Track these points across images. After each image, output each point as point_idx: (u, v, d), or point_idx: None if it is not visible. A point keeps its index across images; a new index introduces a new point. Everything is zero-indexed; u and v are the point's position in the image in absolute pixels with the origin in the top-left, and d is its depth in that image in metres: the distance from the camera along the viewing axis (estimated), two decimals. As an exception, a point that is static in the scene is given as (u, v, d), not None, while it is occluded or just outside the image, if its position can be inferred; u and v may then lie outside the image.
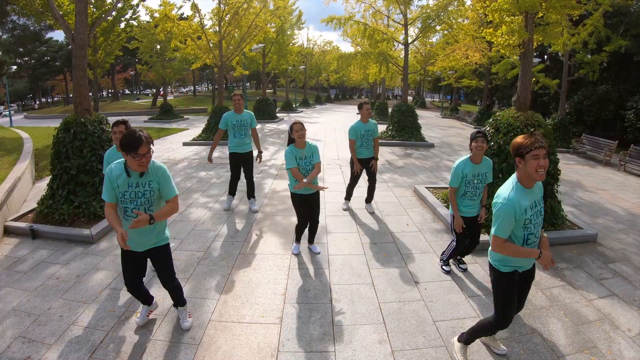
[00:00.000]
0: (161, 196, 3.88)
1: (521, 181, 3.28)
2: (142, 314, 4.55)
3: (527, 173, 3.19)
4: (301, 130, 5.57)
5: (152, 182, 3.76)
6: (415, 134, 18.77)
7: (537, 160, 3.11)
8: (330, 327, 4.54)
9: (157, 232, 4.01)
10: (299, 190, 5.79)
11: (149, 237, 3.97)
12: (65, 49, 58.92)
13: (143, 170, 3.69)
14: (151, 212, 3.79)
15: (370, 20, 21.40)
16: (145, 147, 3.55)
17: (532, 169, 3.13)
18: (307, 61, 48.95)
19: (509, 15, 8.18)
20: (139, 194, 3.75)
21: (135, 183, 3.74)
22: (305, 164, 5.69)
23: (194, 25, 18.45)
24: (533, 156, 3.11)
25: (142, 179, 3.74)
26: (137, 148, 3.52)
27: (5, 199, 7.61)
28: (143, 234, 3.89)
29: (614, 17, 21.37)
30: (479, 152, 5.12)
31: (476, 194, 5.33)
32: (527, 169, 3.17)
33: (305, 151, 5.68)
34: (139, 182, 3.74)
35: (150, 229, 3.88)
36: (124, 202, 3.78)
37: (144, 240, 3.97)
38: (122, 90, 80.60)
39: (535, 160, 3.11)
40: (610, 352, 4.16)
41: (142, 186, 3.75)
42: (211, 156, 8.34)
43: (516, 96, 8.03)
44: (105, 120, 8.27)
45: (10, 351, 4.06)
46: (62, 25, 8.23)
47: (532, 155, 3.12)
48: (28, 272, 5.78)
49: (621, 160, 15.56)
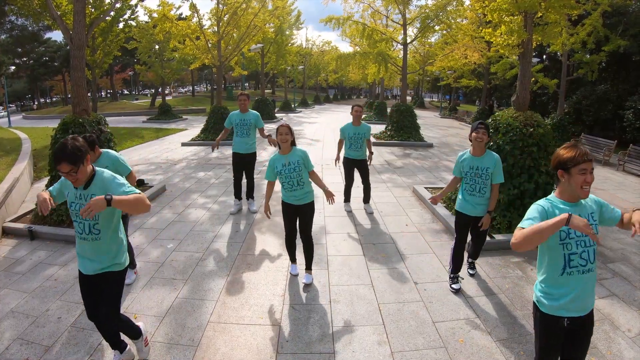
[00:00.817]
0: (114, 212, 3.47)
1: (562, 196, 2.87)
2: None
3: (570, 188, 2.79)
4: (285, 134, 5.12)
5: (96, 195, 3.21)
6: (414, 134, 18.76)
7: (584, 176, 2.70)
8: (330, 328, 4.53)
9: (114, 254, 3.56)
10: (288, 199, 5.39)
11: (104, 257, 3.52)
12: (64, 49, 58.81)
13: (79, 185, 3.31)
14: (97, 230, 3.42)
15: (369, 20, 21.42)
16: (65, 166, 3.10)
17: (578, 184, 2.73)
18: (305, 61, 48.95)
19: (508, 15, 8.18)
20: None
21: (80, 195, 3.37)
22: (289, 170, 5.14)
23: (193, 25, 18.43)
24: (580, 170, 2.71)
25: (85, 192, 3.34)
26: (58, 164, 3.14)
27: (4, 200, 7.60)
28: (96, 250, 3.48)
29: (612, 17, 21.33)
30: (478, 144, 4.98)
31: (476, 189, 5.10)
32: (572, 184, 2.76)
33: (290, 156, 5.19)
34: (82, 195, 3.36)
35: (105, 249, 3.49)
36: (73, 216, 3.46)
37: (96, 258, 3.51)
38: (121, 91, 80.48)
39: (582, 175, 2.70)
40: (610, 353, 4.14)
41: (85, 199, 3.33)
42: (217, 145, 8.28)
43: (515, 96, 8.03)
44: (103, 120, 8.25)
45: (8, 353, 4.05)
46: (60, 25, 8.22)
47: (579, 169, 2.71)
48: (26, 273, 5.77)
49: (620, 160, 15.56)
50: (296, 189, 5.23)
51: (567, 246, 2.75)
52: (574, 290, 2.79)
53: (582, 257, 2.75)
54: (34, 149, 14.53)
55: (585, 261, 2.76)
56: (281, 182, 5.26)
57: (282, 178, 5.20)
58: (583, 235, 2.72)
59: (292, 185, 5.21)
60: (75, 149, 3.11)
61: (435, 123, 32.23)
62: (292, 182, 5.19)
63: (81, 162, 3.14)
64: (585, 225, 2.45)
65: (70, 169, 3.09)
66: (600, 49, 19.34)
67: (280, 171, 5.15)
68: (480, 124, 4.97)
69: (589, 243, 2.75)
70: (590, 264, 2.77)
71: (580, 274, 2.77)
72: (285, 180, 5.19)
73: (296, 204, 5.36)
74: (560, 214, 2.65)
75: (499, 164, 5.05)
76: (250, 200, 8.53)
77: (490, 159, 5.06)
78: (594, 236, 2.54)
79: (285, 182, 5.21)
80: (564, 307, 2.82)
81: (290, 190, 5.25)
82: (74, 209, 3.40)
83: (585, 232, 2.46)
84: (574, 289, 2.79)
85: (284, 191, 5.32)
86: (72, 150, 3.10)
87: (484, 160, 5.05)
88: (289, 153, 5.21)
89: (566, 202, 2.81)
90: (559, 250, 2.77)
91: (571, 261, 2.77)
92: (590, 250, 2.76)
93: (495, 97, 43.62)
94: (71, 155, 3.08)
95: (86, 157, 3.22)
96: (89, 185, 3.33)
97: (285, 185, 5.23)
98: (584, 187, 2.71)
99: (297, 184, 5.21)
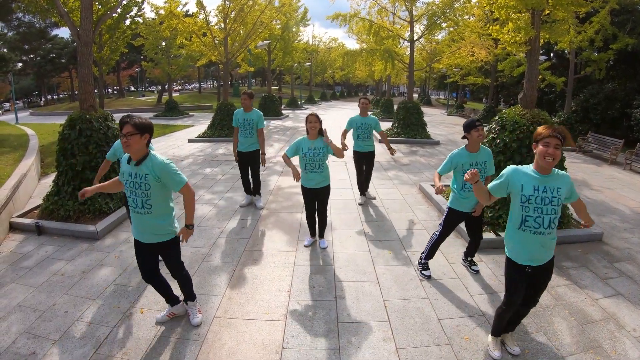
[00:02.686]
0: (165, 189, 3.90)
1: (536, 167, 3.48)
2: (163, 313, 4.58)
3: (537, 158, 3.43)
4: (314, 122, 5.81)
5: (148, 176, 3.74)
6: (421, 131, 18.72)
7: (546, 148, 3.33)
8: (335, 324, 4.54)
9: (166, 225, 4.00)
10: (307, 183, 6.08)
11: (148, 230, 3.98)
12: (71, 46, 58.92)
13: (127, 152, 3.77)
14: (149, 205, 3.84)
15: (375, 17, 21.37)
16: (127, 127, 3.64)
17: (541, 155, 3.37)
18: (312, 58, 48.88)
19: (516, 13, 8.15)
20: (136, 185, 3.78)
21: (134, 173, 3.79)
22: (313, 154, 5.85)
23: (200, 22, 18.48)
24: (544, 143, 3.35)
25: (138, 170, 3.77)
26: (121, 128, 3.68)
27: (11, 196, 7.64)
28: (148, 222, 3.93)
29: (620, 15, 21.18)
30: (480, 141, 5.11)
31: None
32: (538, 154, 3.41)
33: (316, 142, 5.88)
34: (136, 173, 3.78)
35: (148, 223, 3.94)
36: (127, 192, 3.91)
37: (143, 230, 3.99)
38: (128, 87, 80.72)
39: (544, 147, 3.34)
40: (615, 352, 4.13)
41: (138, 177, 3.77)
42: (235, 154, 8.22)
43: (522, 94, 7.99)
44: (110, 117, 8.28)
45: (15, 346, 4.08)
46: (67, 22, 8.24)
47: (543, 142, 3.36)
48: (33, 268, 5.81)
49: (627, 159, 15.44)
50: (316, 172, 5.95)
51: (525, 209, 3.46)
52: (526, 245, 3.55)
53: (536, 221, 3.45)
54: (41, 145, 14.59)
55: (538, 225, 3.44)
56: (304, 163, 5.96)
57: (305, 159, 5.92)
58: (542, 204, 3.41)
59: (313, 168, 5.92)
60: (142, 120, 3.72)
61: (441, 120, 32.16)
62: (315, 165, 5.91)
63: (139, 132, 3.68)
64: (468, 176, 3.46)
65: (129, 131, 3.62)
66: (608, 47, 19.25)
67: (306, 153, 5.87)
68: (478, 122, 5.11)
69: (546, 212, 3.41)
70: (543, 228, 3.44)
71: (531, 234, 3.49)
72: (308, 162, 5.90)
73: (315, 187, 6.08)
74: (522, 180, 3.47)
75: (491, 157, 5.30)
76: (257, 196, 8.54)
77: (485, 153, 5.26)
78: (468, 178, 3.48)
79: (308, 163, 5.91)
80: (521, 256, 3.60)
81: (310, 172, 5.95)
82: (128, 186, 3.85)
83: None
84: (527, 244, 3.54)
85: (304, 174, 6.03)
86: (139, 120, 3.70)
87: (480, 156, 5.21)
88: (316, 139, 5.91)
89: (537, 171, 3.46)
90: (519, 210, 3.51)
91: (526, 221, 3.49)
92: (546, 218, 3.42)
93: (502, 95, 43.43)
94: (137, 123, 3.67)
95: (145, 134, 3.74)
96: (141, 163, 3.76)
97: (308, 167, 5.93)
98: (546, 158, 3.33)
99: (318, 167, 5.93)
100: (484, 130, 5.10)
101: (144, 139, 3.73)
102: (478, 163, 5.17)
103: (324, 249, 6.48)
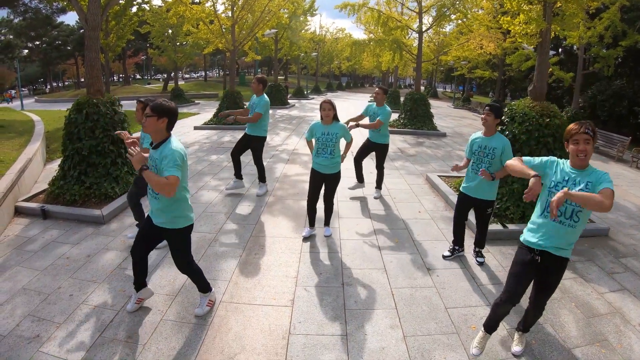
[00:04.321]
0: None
1: (571, 163, 3.46)
2: (132, 301, 4.47)
3: (570, 156, 3.43)
4: (328, 110, 5.86)
5: (158, 160, 3.71)
6: (427, 122, 18.70)
7: (576, 145, 3.33)
8: (342, 311, 4.53)
9: (170, 212, 3.92)
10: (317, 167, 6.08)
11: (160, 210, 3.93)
12: (77, 33, 58.85)
13: (146, 133, 4.02)
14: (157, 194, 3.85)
15: (384, 7, 21.31)
16: (147, 109, 3.71)
17: (573, 153, 3.37)
18: (319, 48, 48.72)
19: (527, 4, 8.08)
20: (153, 169, 3.75)
21: (153, 157, 3.80)
22: (326, 139, 5.89)
23: (207, 9, 18.42)
24: (573, 141, 3.36)
25: (154, 153, 3.78)
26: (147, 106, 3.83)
27: (17, 180, 7.63)
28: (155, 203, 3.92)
29: (630, 11, 21.00)
30: (483, 124, 5.25)
31: (480, 167, 5.21)
32: (570, 152, 3.40)
33: (330, 127, 5.94)
34: (153, 157, 3.79)
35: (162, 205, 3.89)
36: None
37: (156, 209, 3.97)
38: (133, 75, 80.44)
39: (575, 145, 3.35)
40: (620, 346, 4.12)
41: (153, 161, 3.79)
42: (230, 115, 8.19)
43: (532, 86, 7.93)
44: (117, 101, 8.26)
45: (19, 329, 4.08)
46: (75, 6, 8.18)
47: (572, 140, 3.37)
48: (38, 251, 5.81)
49: (634, 157, 15.39)
50: (327, 156, 5.93)
51: (551, 195, 3.38)
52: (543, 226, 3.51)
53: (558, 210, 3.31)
54: (47, 131, 14.58)
55: (560, 213, 3.39)
56: (316, 147, 6.01)
57: (318, 143, 5.98)
58: None
59: (325, 152, 5.93)
60: (162, 103, 3.74)
61: (448, 113, 32.07)
62: (326, 149, 5.92)
63: (156, 114, 3.67)
64: (531, 186, 3.30)
65: (146, 113, 3.69)
66: (617, 44, 19.15)
67: (319, 137, 5.95)
68: (487, 106, 5.27)
69: (569, 203, 3.34)
70: (565, 219, 3.40)
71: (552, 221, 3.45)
72: (320, 146, 5.95)
73: (325, 172, 6.06)
74: (562, 174, 3.44)
75: (508, 148, 5.18)
76: (261, 184, 8.52)
77: (499, 140, 5.22)
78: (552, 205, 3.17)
79: (320, 147, 5.96)
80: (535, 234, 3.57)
81: (322, 155, 5.96)
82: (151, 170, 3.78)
83: (528, 190, 3.29)
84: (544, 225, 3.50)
85: (315, 157, 6.06)
86: (160, 102, 3.74)
87: (492, 141, 5.23)
88: (330, 125, 5.97)
89: (573, 167, 3.43)
90: (546, 196, 3.48)
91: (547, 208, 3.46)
92: (569, 208, 3.38)
93: (509, 90, 43.24)
94: (154, 105, 3.69)
95: (163, 117, 3.71)
96: (158, 147, 3.77)
97: (320, 150, 5.96)
98: (579, 156, 3.32)
99: (330, 152, 5.92)
100: (488, 115, 5.20)
101: (161, 122, 3.70)
102: (487, 147, 5.22)
103: (328, 236, 6.46)
